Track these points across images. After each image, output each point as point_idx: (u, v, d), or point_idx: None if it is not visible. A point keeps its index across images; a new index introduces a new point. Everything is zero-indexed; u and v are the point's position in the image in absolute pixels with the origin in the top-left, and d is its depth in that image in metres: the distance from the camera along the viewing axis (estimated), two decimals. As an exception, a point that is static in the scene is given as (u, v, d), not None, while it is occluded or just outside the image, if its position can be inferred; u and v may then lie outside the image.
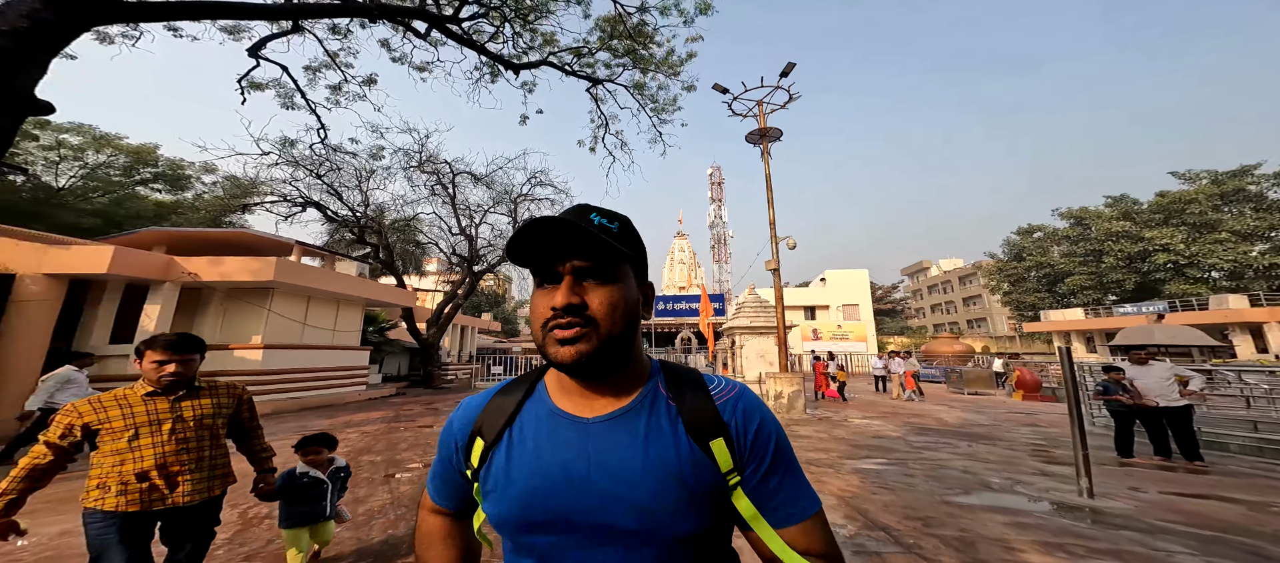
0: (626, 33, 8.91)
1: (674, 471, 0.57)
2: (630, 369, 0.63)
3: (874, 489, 4.12)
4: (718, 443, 0.59)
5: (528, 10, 8.96)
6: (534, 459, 0.60)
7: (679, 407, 0.62)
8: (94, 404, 1.68)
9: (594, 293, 0.58)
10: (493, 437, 0.63)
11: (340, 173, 11.88)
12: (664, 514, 0.55)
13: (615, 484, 0.56)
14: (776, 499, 0.60)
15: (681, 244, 33.02)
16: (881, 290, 58.00)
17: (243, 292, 8.42)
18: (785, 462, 0.63)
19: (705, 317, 11.21)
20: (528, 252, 0.59)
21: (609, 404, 0.62)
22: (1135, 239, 28.36)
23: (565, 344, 0.56)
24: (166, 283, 7.38)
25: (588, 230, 0.56)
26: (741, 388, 0.66)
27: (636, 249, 0.63)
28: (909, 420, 8.35)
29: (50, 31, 4.08)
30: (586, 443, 0.59)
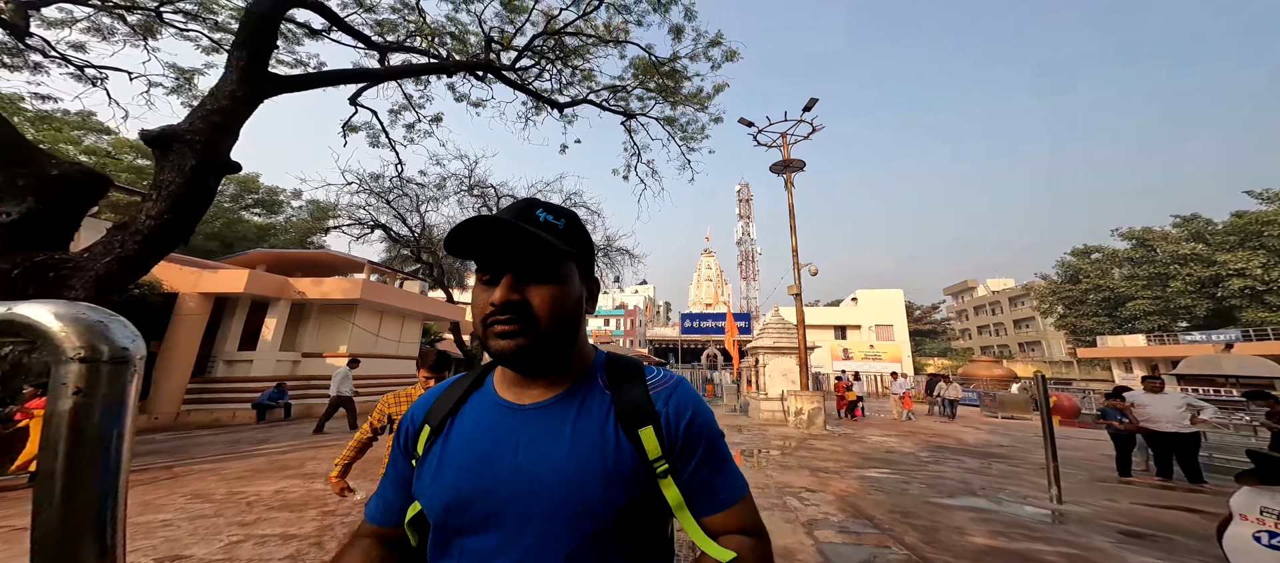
0: (658, 74, 10.06)
1: (597, 454, 0.58)
2: (569, 363, 0.64)
3: (870, 491, 4.84)
4: (647, 431, 0.60)
5: (571, 53, 10.32)
6: (467, 444, 0.61)
7: (614, 395, 0.63)
8: (399, 398, 2.18)
9: (534, 291, 0.59)
10: (436, 423, 0.64)
11: (405, 199, 13.66)
12: (584, 498, 0.55)
13: (537, 465, 0.57)
14: (706, 486, 0.61)
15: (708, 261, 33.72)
16: (920, 310, 56.03)
17: (333, 307, 10.08)
18: (716, 453, 0.63)
19: (730, 336, 11.96)
20: (468, 247, 0.59)
21: (545, 393, 0.63)
22: (1207, 263, 26.65)
23: (504, 337, 0.57)
24: (281, 300, 9.09)
25: (528, 232, 0.57)
26: (678, 379, 0.67)
27: (582, 246, 0.65)
28: (928, 439, 8.78)
29: (242, 106, 5.64)
30: (518, 429, 0.60)
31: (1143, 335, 27.34)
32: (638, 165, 12.15)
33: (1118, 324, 31.25)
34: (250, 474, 5.03)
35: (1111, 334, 29.59)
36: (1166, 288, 28.30)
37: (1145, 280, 29.70)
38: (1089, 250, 35.05)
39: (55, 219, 4.66)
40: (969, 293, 60.61)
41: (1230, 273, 25.47)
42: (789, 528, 3.62)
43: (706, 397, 17.57)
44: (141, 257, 4.92)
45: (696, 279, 32.82)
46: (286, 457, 6.04)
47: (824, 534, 3.51)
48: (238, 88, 5.60)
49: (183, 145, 5.15)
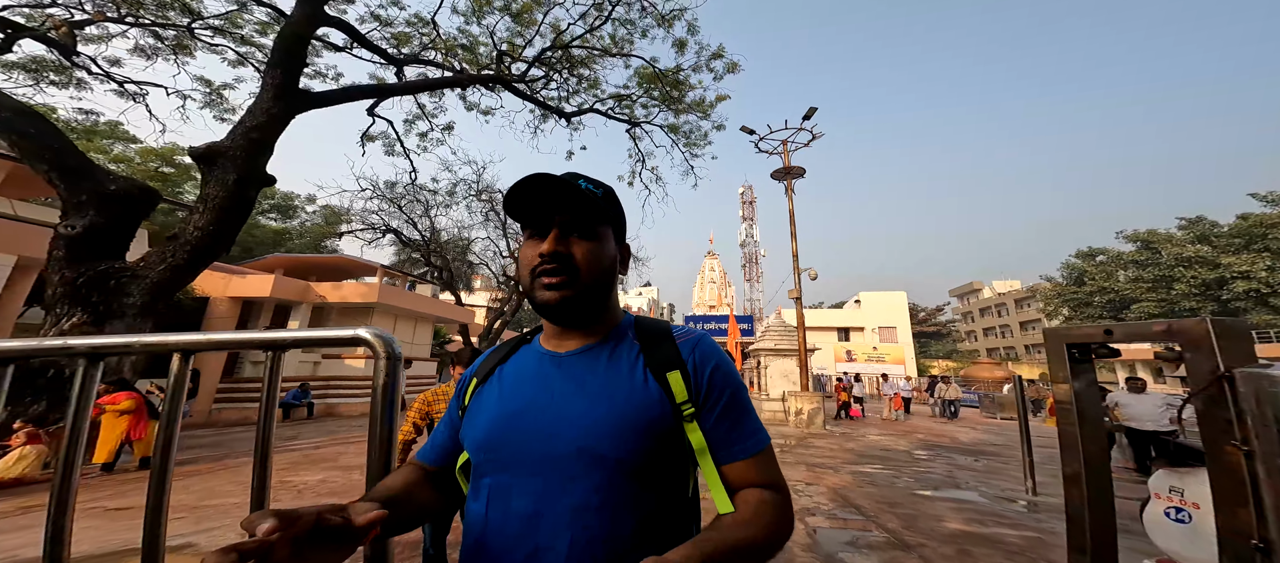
0: (661, 84, 10.45)
1: (626, 392, 0.62)
2: (604, 316, 0.71)
3: (861, 484, 5.22)
4: (674, 375, 0.64)
5: (578, 63, 10.74)
6: (509, 391, 0.67)
7: (642, 345, 0.68)
8: (438, 394, 2.44)
9: (577, 245, 0.65)
10: (484, 374, 0.72)
11: (417, 205, 14.16)
12: (610, 436, 0.58)
13: (566, 405, 0.62)
14: (727, 435, 0.64)
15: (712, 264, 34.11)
16: (924, 312, 56.10)
17: (352, 310, 10.58)
18: (738, 402, 0.66)
19: (732, 338, 12.35)
20: (521, 205, 0.66)
21: (581, 341, 0.69)
22: (1212, 265, 26.76)
23: (550, 289, 0.64)
24: (303, 303, 9.61)
25: (575, 189, 0.64)
26: (702, 334, 0.72)
27: (617, 214, 0.72)
28: (923, 439, 9.13)
29: (277, 122, 6.11)
30: (555, 373, 0.66)
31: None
32: (642, 172, 12.55)
33: (1123, 326, 31.37)
34: (291, 467, 5.47)
35: (1116, 337, 29.74)
36: (1171, 291, 28.42)
37: (1150, 283, 29.82)
38: (1094, 253, 35.16)
39: (113, 231, 5.13)
40: (974, 295, 60.57)
41: (1235, 275, 25.57)
42: (783, 514, 4.01)
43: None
44: (190, 265, 5.39)
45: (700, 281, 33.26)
46: (320, 452, 6.49)
47: (814, 520, 3.90)
48: (273, 105, 6.08)
49: (226, 161, 5.63)
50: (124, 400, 5.02)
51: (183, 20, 8.21)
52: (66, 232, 4.79)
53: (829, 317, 30.83)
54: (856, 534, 3.56)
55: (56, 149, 4.92)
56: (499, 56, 9.71)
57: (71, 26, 6.92)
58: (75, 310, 4.67)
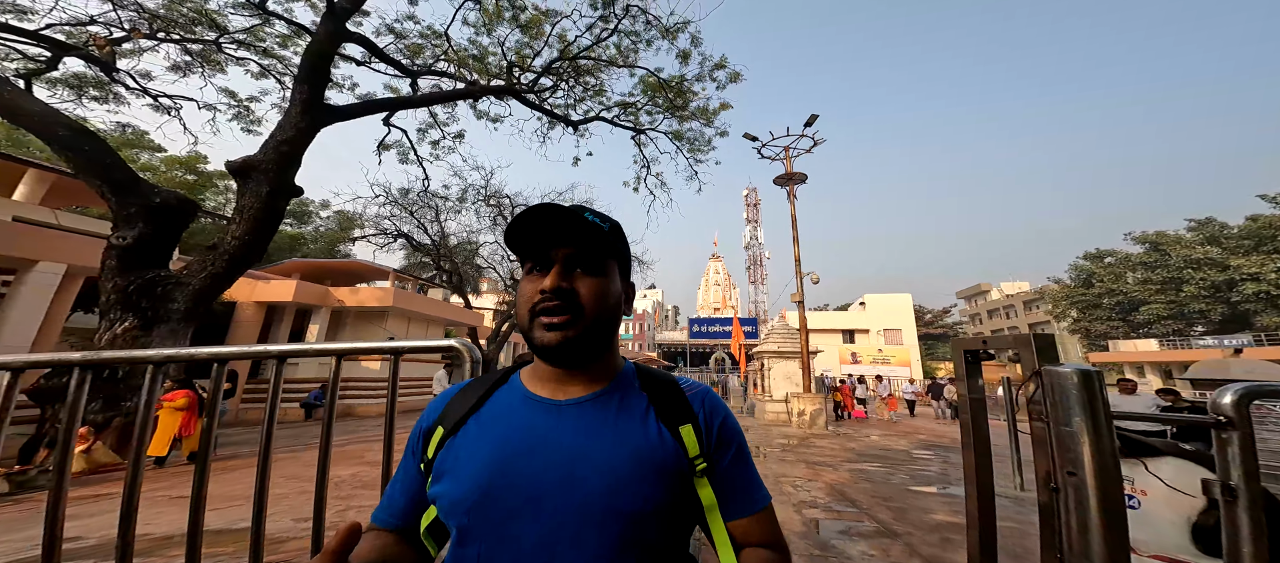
0: (665, 93, 10.79)
1: (642, 446, 0.59)
2: (607, 361, 0.67)
3: (858, 481, 5.51)
4: (686, 429, 0.62)
5: (584, 71, 11.10)
6: (500, 437, 0.60)
7: (650, 396, 0.65)
8: None
9: (582, 281, 0.61)
10: (453, 423, 0.64)
11: (427, 210, 14.59)
12: (630, 488, 0.56)
13: (582, 456, 0.57)
14: (734, 491, 0.63)
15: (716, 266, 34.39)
16: (931, 314, 56.00)
17: (368, 313, 11.04)
18: (744, 457, 0.67)
19: (736, 340, 12.65)
20: (523, 238, 0.62)
21: (584, 389, 0.64)
22: (1221, 267, 26.70)
23: (552, 329, 0.59)
24: (323, 307, 10.05)
25: (581, 221, 0.61)
26: (706, 388, 0.70)
27: (623, 251, 0.68)
28: (923, 438, 9.38)
29: (305, 136, 6.51)
30: (558, 422, 0.61)
31: (1155, 340, 27.40)
32: (647, 178, 12.89)
33: (1132, 329, 31.28)
34: (317, 461, 5.86)
35: (1125, 339, 29.64)
36: (1180, 292, 28.35)
37: (1159, 285, 29.75)
38: (1102, 254, 35.09)
39: (159, 241, 5.55)
40: (982, 296, 60.39)
41: (1244, 277, 25.50)
42: (781, 509, 4.32)
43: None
44: (228, 273, 5.80)
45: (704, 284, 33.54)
46: (345, 449, 6.87)
47: (811, 512, 4.20)
48: (301, 119, 6.49)
49: (259, 174, 6.03)
50: (180, 398, 5.43)
51: (211, 35, 8.66)
52: (118, 242, 5.21)
53: (833, 319, 31.02)
54: (849, 524, 3.86)
55: (107, 165, 5.35)
56: (508, 67, 10.10)
57: (112, 44, 7.36)
58: (127, 316, 5.07)
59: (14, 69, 6.85)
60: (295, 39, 9.38)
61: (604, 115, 11.54)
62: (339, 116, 7.29)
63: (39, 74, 6.93)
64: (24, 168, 7.45)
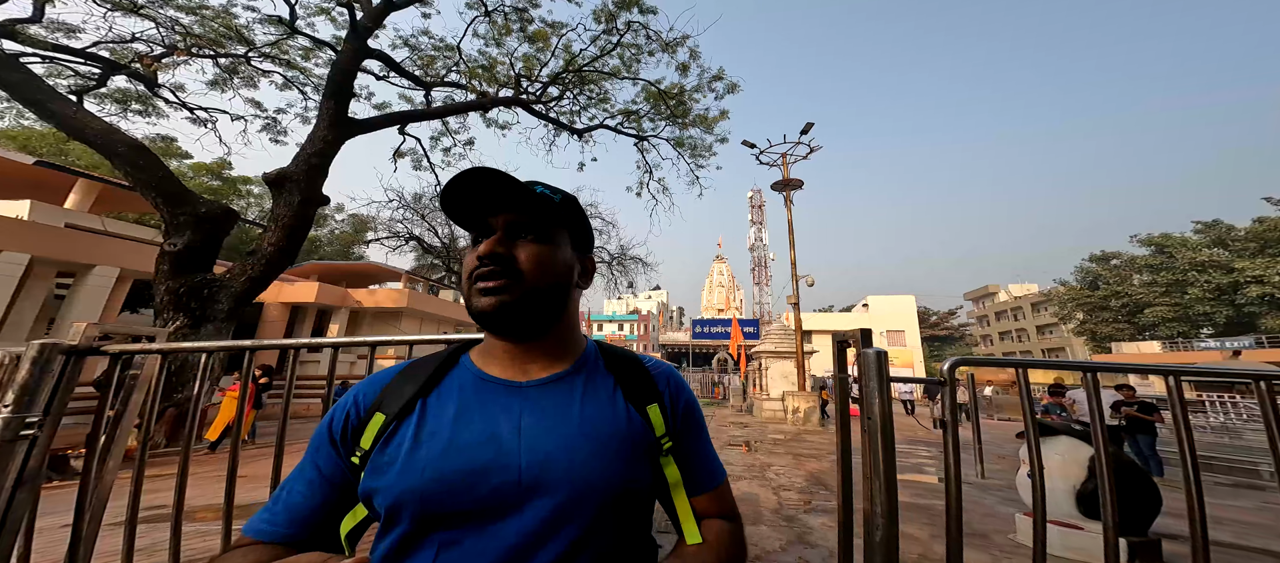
0: (666, 102, 11.32)
1: (610, 427, 0.59)
2: (566, 339, 0.65)
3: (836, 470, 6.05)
4: (653, 408, 0.63)
5: (588, 80, 11.65)
6: (455, 422, 0.57)
7: (615, 377, 0.65)
8: None
9: (521, 247, 0.59)
10: (397, 408, 0.59)
11: (438, 214, 15.26)
12: (602, 473, 0.55)
13: (546, 441, 0.56)
14: (696, 468, 0.66)
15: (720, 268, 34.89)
16: (936, 316, 56.07)
17: (383, 313, 11.71)
18: (704, 434, 0.69)
19: (735, 342, 13.18)
20: (461, 206, 0.60)
21: (544, 370, 0.62)
22: (1226, 269, 26.80)
23: (487, 294, 0.57)
24: (342, 308, 10.73)
25: (516, 184, 0.57)
26: (670, 367, 0.71)
27: (576, 223, 0.66)
28: (912, 435, 9.86)
29: (332, 148, 7.13)
30: (521, 405, 0.58)
31: (1158, 342, 27.56)
32: (649, 183, 13.42)
33: (1137, 331, 31.38)
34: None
35: (1131, 341, 29.79)
36: (1185, 295, 28.45)
37: (1164, 287, 29.84)
38: (1107, 256, 35.17)
39: (205, 248, 6.21)
40: (989, 298, 60.35)
41: (1249, 280, 25.60)
42: (762, 491, 4.86)
43: (715, 399, 18.70)
44: (264, 277, 6.45)
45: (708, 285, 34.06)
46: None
47: (786, 494, 4.74)
48: (328, 133, 7.12)
49: (292, 184, 6.67)
50: (236, 390, 6.08)
51: (240, 50, 9.31)
52: (170, 249, 5.85)
53: (835, 320, 31.41)
54: (818, 504, 4.40)
55: (160, 178, 5.99)
56: (517, 79, 10.68)
57: (156, 61, 8.04)
58: (178, 315, 5.71)
59: (67, 85, 7.53)
60: (316, 52, 10.03)
61: (608, 123, 12.10)
62: (362, 129, 7.93)
63: (89, 90, 7.60)
64: (74, 178, 8.11)
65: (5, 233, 6.63)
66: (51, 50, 7.03)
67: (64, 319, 6.68)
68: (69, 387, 1.57)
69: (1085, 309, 35.21)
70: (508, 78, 10.98)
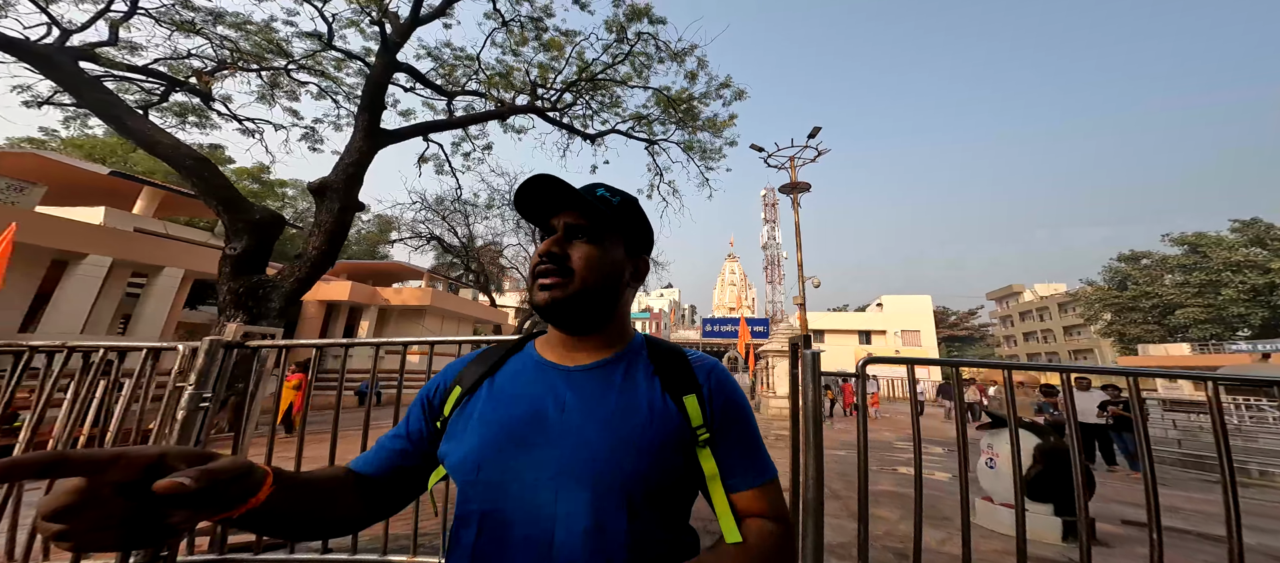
0: (675, 109, 11.76)
1: (644, 414, 0.62)
2: (615, 330, 0.70)
3: (835, 463, 6.49)
4: (690, 399, 0.65)
5: (600, 87, 12.16)
6: (507, 401, 0.64)
7: (656, 366, 0.68)
8: None
9: (578, 248, 0.65)
10: (470, 384, 0.68)
11: (458, 215, 16.07)
12: (630, 455, 0.58)
13: (583, 422, 0.60)
14: (739, 462, 0.65)
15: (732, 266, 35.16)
16: (955, 316, 55.10)
17: (409, 311, 12.56)
18: (750, 431, 0.68)
19: (743, 340, 13.59)
20: (530, 206, 0.67)
21: (590, 356, 0.68)
22: (1262, 270, 25.92)
23: (543, 289, 0.64)
24: (372, 306, 11.58)
25: (577, 191, 0.65)
26: (715, 361, 0.72)
27: (633, 226, 0.71)
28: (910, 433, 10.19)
29: (366, 158, 7.84)
30: (562, 388, 0.64)
31: (1187, 345, 26.85)
32: (660, 185, 13.90)
33: (1167, 332, 30.56)
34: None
35: (1160, 342, 29.06)
36: (1218, 296, 27.61)
37: (1196, 288, 28.98)
38: (1137, 256, 34.22)
39: (259, 251, 6.97)
40: (1014, 298, 59.04)
41: (1288, 282, 24.75)
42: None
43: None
44: (308, 278, 7.19)
45: (720, 283, 34.37)
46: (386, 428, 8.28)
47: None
48: (363, 144, 7.84)
49: (332, 193, 7.40)
50: (296, 379, 6.88)
51: (280, 62, 10.12)
52: (231, 253, 6.63)
53: (849, 319, 31.43)
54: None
55: (220, 187, 6.77)
56: (532, 86, 11.28)
57: (210, 75, 8.89)
58: (238, 313, 6.48)
59: (133, 101, 8.41)
60: (347, 63, 10.78)
61: (619, 128, 12.62)
62: (393, 139, 8.64)
63: (153, 105, 8.47)
64: (140, 186, 9.05)
65: (91, 238, 7.57)
66: (124, 70, 7.89)
67: (139, 315, 7.60)
68: (224, 371, 2.20)
69: (1113, 310, 34.37)
70: (524, 84, 11.59)
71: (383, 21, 8.80)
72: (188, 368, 2.10)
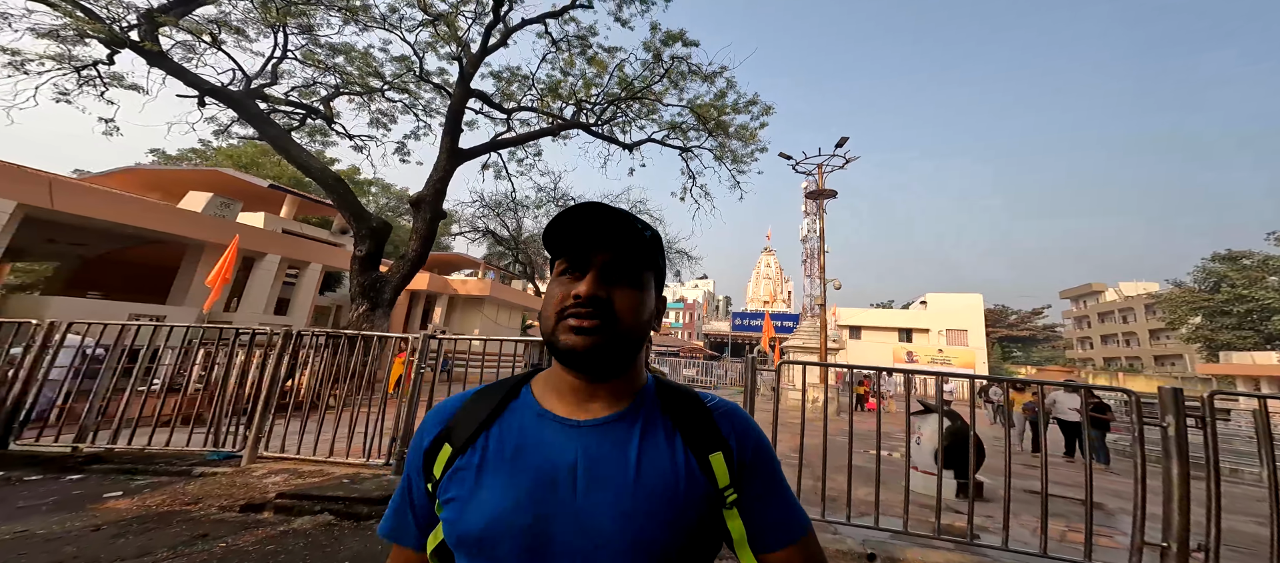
0: (706, 122, 13.11)
1: (669, 480, 0.57)
2: (630, 377, 0.65)
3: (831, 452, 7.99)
4: (717, 457, 0.60)
5: (637, 98, 13.71)
6: (513, 462, 0.58)
7: (674, 419, 0.63)
8: None
9: (619, 291, 0.60)
10: (463, 441, 0.61)
11: (510, 211, 18.40)
12: (656, 528, 0.55)
13: (601, 490, 0.56)
14: (768, 519, 0.62)
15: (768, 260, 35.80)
16: (1017, 315, 52.39)
17: (472, 300, 15.07)
18: (778, 481, 0.65)
19: (767, 336, 14.90)
20: (563, 237, 0.61)
21: (602, 409, 0.62)
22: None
23: (580, 333, 0.57)
24: (444, 294, 14.12)
25: (626, 225, 0.59)
26: (733, 405, 0.68)
27: (659, 264, 0.67)
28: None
29: (448, 174, 9.99)
30: (575, 447, 0.59)
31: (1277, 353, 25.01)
32: (693, 189, 15.36)
33: (1265, 340, 28.38)
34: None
35: (1254, 350, 27.15)
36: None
37: (1304, 293, 26.65)
38: (1236, 256, 31.58)
39: (376, 252, 9.30)
40: (1092, 297, 55.22)
41: None
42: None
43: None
44: (409, 274, 9.50)
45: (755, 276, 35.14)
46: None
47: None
48: (447, 162, 9.98)
49: (425, 204, 9.61)
50: (402, 357, 9.21)
51: (376, 84, 12.46)
52: (358, 254, 8.99)
53: (888, 317, 31.43)
54: (787, 462, 6.46)
55: (351, 201, 9.13)
56: (578, 104, 13.05)
57: (331, 101, 11.36)
58: (363, 302, 8.84)
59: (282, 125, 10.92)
60: (426, 82, 12.93)
61: (655, 137, 14.18)
62: (469, 157, 10.74)
63: (294, 129, 10.98)
64: (283, 195, 11.78)
65: (271, 241, 10.22)
66: (280, 103, 10.42)
67: (294, 301, 10.26)
68: (425, 351, 4.19)
69: (1204, 313, 32.07)
70: (570, 94, 13.35)
71: (460, 57, 10.86)
72: (415, 348, 4.09)
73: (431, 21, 10.56)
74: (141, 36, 7.86)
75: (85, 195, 9.14)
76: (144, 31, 7.91)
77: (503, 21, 11.09)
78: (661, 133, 14.14)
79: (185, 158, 17.74)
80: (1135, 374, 40.51)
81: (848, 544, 3.69)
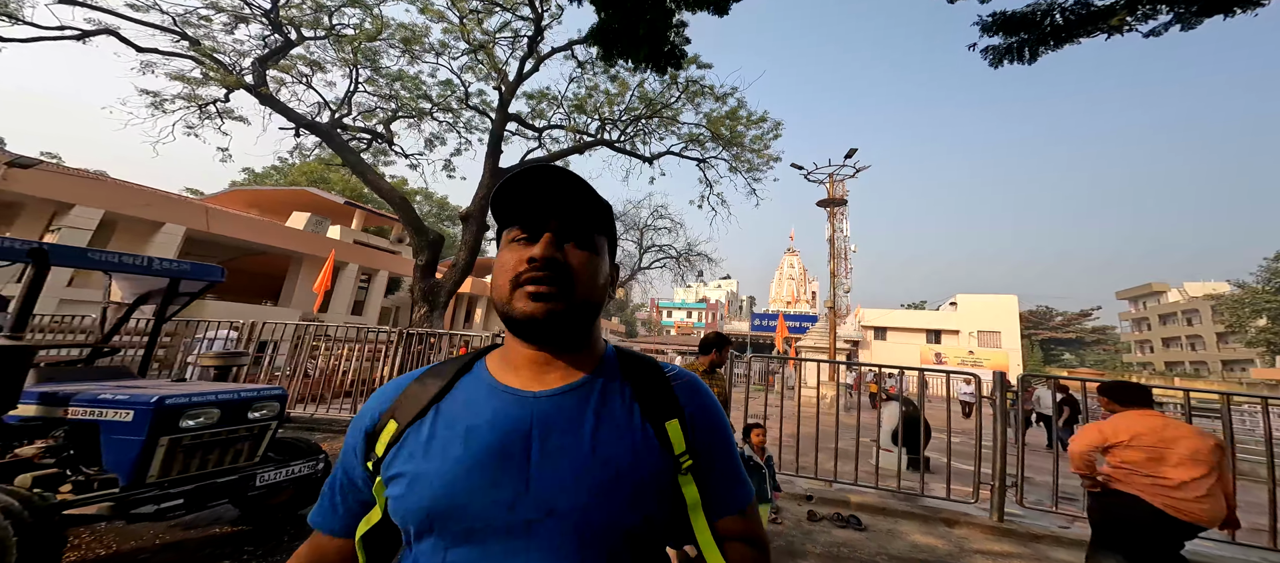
0: (720, 137, 14.33)
1: (626, 449, 0.58)
2: (587, 347, 0.65)
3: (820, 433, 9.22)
4: (673, 424, 0.62)
5: (655, 113, 15.04)
6: (465, 434, 0.57)
7: (634, 388, 0.64)
8: None
9: (574, 253, 0.60)
10: (409, 417, 0.60)
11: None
12: (616, 499, 0.55)
13: (558, 460, 0.56)
14: (719, 488, 0.64)
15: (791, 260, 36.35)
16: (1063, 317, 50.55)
17: (506, 302, 17.12)
18: (731, 453, 0.68)
19: (780, 335, 16.02)
20: (510, 203, 0.60)
21: (559, 380, 0.62)
22: None
23: (538, 298, 0.57)
24: (484, 296, 16.00)
25: (578, 187, 0.59)
26: (692, 375, 0.70)
27: (613, 231, 0.69)
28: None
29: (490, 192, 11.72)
30: (530, 418, 0.58)
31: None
32: (710, 196, 16.58)
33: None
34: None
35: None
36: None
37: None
38: (1306, 254, 29.99)
39: (433, 261, 11.12)
40: (1154, 298, 52.62)
41: None
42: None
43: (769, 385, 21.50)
44: (459, 280, 11.30)
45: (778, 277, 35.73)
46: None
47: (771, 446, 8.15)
48: (490, 180, 11.70)
49: (472, 220, 11.38)
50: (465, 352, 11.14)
51: (425, 105, 14.30)
52: (419, 263, 10.86)
53: (915, 318, 31.52)
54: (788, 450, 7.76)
55: (411, 216, 10.99)
56: (602, 121, 14.51)
57: (389, 123, 13.30)
58: (423, 305, 10.68)
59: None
60: (465, 102, 14.66)
61: (673, 150, 15.49)
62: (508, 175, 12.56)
63: (362, 150, 12.97)
64: (354, 210, 13.92)
65: (353, 252, 12.35)
66: (357, 132, 12.42)
67: (368, 303, 12.34)
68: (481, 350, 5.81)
69: (1270, 314, 30.64)
70: (595, 109, 14.80)
71: (500, 87, 12.54)
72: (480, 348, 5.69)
73: (473, 50, 12.26)
74: (256, 81, 9.89)
75: (231, 220, 11.58)
76: (257, 76, 9.95)
77: (535, 53, 12.68)
78: (680, 145, 15.46)
79: (268, 176, 20.45)
80: (1195, 379, 38.83)
81: (798, 487, 5.24)
